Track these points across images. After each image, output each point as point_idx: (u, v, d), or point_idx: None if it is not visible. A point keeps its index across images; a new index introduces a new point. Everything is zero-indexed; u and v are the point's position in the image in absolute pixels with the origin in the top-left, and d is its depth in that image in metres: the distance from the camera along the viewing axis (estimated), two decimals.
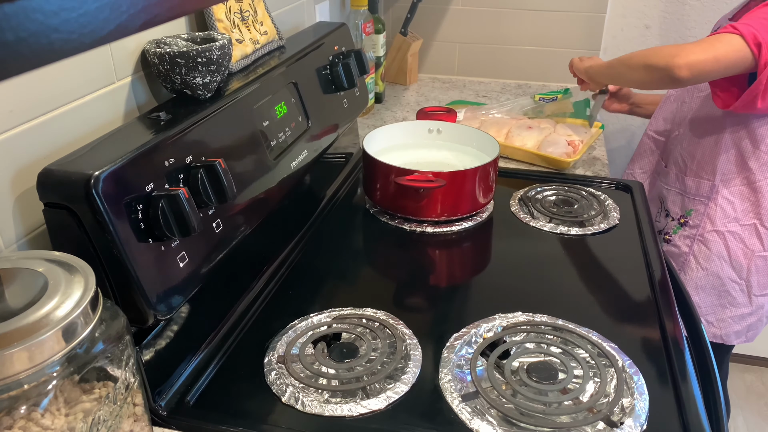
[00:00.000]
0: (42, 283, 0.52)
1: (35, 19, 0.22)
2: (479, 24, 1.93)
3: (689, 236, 1.33)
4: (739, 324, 1.35)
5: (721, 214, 1.29)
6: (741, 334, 1.37)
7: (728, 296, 1.33)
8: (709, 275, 1.32)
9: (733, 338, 1.37)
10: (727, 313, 1.35)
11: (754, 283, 1.31)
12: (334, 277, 0.98)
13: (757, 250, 1.29)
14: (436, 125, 1.27)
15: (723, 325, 1.36)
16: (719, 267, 1.31)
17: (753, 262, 1.29)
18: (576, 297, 0.93)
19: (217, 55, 0.81)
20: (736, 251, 1.29)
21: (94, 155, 0.66)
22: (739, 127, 1.24)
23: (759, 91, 1.13)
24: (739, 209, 1.28)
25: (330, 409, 0.70)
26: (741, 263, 1.30)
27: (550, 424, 0.68)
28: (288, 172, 0.96)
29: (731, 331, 1.36)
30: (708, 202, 1.30)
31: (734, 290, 1.32)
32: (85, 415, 0.51)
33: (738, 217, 1.28)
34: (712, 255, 1.31)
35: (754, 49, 1.09)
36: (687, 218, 1.34)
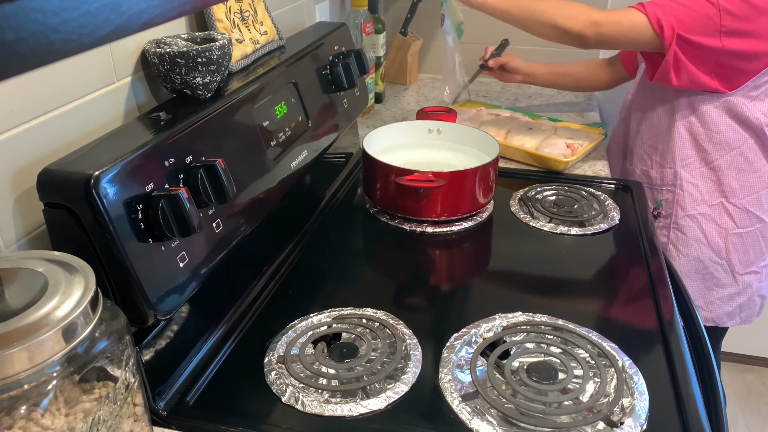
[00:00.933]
0: (42, 283, 0.52)
1: (35, 19, 0.22)
2: (479, 24, 1.93)
3: (665, 226, 1.36)
4: (728, 305, 1.37)
5: (689, 199, 1.31)
6: (734, 316, 1.38)
7: (713, 278, 1.35)
8: (691, 260, 1.34)
9: (726, 320, 1.38)
10: (714, 295, 1.36)
11: (735, 261, 1.33)
12: (334, 277, 0.98)
13: (730, 228, 1.31)
14: (436, 125, 1.27)
15: (712, 308, 1.37)
16: (698, 250, 1.33)
17: (729, 241, 1.31)
18: (576, 297, 0.93)
19: (217, 55, 0.81)
20: (710, 232, 1.31)
21: (94, 155, 0.66)
22: (687, 112, 1.27)
23: (669, 69, 1.18)
24: (704, 191, 1.30)
25: (330, 409, 0.70)
26: (718, 243, 1.32)
27: (550, 424, 0.68)
28: (288, 172, 0.96)
29: (722, 313, 1.38)
30: (674, 189, 1.32)
31: (717, 271, 1.34)
32: (85, 415, 0.51)
33: (705, 198, 1.30)
34: (689, 240, 1.33)
35: (656, 29, 1.14)
36: (659, 209, 1.36)
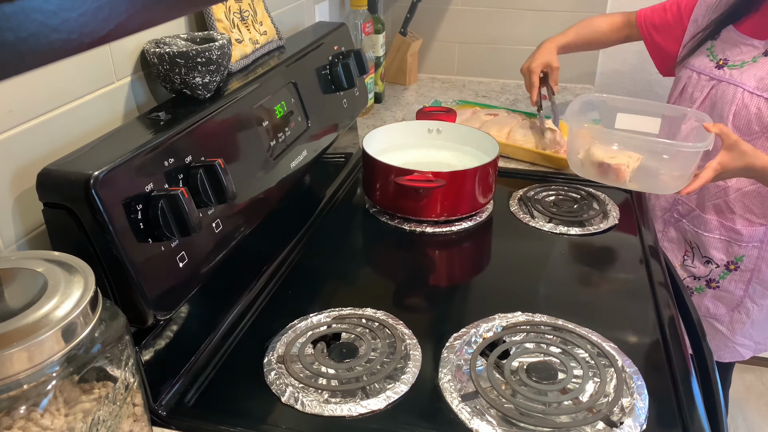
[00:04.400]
0: (41, 283, 0.52)
1: (35, 19, 0.22)
2: (479, 24, 1.93)
3: (743, 280, 1.30)
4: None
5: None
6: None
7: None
8: (764, 309, 1.32)
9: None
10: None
11: None
12: (333, 277, 0.98)
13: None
14: (435, 125, 1.27)
15: (767, 341, 1.38)
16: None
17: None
18: (576, 297, 0.93)
19: (217, 55, 0.81)
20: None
21: (94, 155, 0.66)
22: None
23: None
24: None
25: (330, 409, 0.70)
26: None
27: (550, 424, 0.68)
28: (288, 172, 0.96)
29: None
30: (762, 245, 1.26)
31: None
32: (85, 415, 0.51)
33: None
34: (767, 291, 1.30)
35: None
36: (738, 264, 1.29)
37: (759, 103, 1.15)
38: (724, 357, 1.40)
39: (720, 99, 1.21)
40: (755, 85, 1.15)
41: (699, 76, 1.26)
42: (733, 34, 1.23)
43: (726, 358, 1.40)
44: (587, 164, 1.13)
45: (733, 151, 1.03)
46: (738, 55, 1.21)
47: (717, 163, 1.04)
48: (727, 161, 1.04)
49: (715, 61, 1.23)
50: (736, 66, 1.20)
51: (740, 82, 1.17)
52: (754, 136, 1.17)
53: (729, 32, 1.24)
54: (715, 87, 1.22)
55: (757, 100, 1.15)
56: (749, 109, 1.16)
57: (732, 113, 1.18)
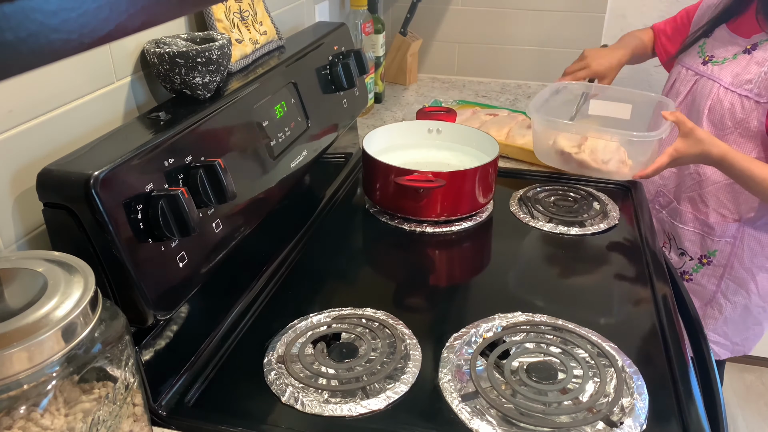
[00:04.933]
0: (41, 283, 0.52)
1: (35, 19, 0.22)
2: (479, 24, 1.93)
3: (715, 275, 1.30)
4: (759, 336, 1.38)
5: (749, 253, 1.26)
6: (758, 340, 1.40)
7: (752, 318, 1.34)
8: (737, 307, 1.32)
9: (751, 348, 1.40)
10: (751, 332, 1.37)
11: None
12: (333, 277, 0.98)
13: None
14: (435, 125, 1.27)
15: (747, 342, 1.38)
16: (747, 299, 1.31)
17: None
18: (576, 297, 0.93)
19: (217, 55, 0.81)
20: (763, 283, 1.29)
21: (94, 155, 0.66)
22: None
23: None
24: (766, 244, 1.26)
25: (330, 409, 0.70)
26: (767, 291, 1.30)
27: (550, 424, 0.68)
28: (288, 172, 0.96)
29: (753, 345, 1.39)
30: (734, 241, 1.26)
31: (759, 314, 1.33)
32: (85, 415, 0.51)
33: (765, 251, 1.26)
34: (740, 289, 1.30)
35: None
36: (711, 258, 1.29)
37: (732, 99, 1.17)
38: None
39: (699, 94, 1.23)
40: (731, 81, 1.17)
41: (687, 71, 1.29)
42: (724, 33, 1.25)
43: None
44: (552, 153, 1.20)
45: (688, 138, 1.07)
46: (723, 52, 1.23)
47: (673, 149, 1.08)
48: (683, 148, 1.07)
49: (702, 58, 1.26)
50: (718, 62, 1.22)
51: (718, 77, 1.20)
52: (726, 131, 1.19)
53: (721, 31, 1.26)
54: (697, 82, 1.25)
55: (731, 95, 1.17)
56: (723, 104, 1.18)
57: (707, 107, 1.20)
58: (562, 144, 1.17)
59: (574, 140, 1.17)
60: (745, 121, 1.16)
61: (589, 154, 1.15)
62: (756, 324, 1.35)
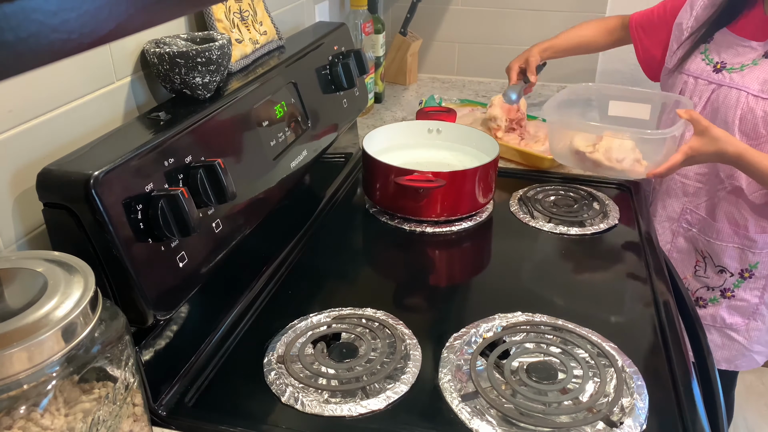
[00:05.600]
0: (41, 283, 0.52)
1: (35, 20, 0.22)
2: (479, 24, 1.93)
3: (758, 287, 1.28)
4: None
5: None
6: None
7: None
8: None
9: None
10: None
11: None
12: (333, 277, 0.98)
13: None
14: (435, 125, 1.27)
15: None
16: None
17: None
18: (576, 297, 0.93)
19: (217, 55, 0.81)
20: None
21: (94, 155, 0.66)
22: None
23: None
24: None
25: (330, 409, 0.70)
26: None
27: (550, 424, 0.68)
28: (288, 172, 0.96)
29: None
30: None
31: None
32: (85, 415, 0.51)
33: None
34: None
35: None
36: (753, 271, 1.27)
37: (765, 106, 1.13)
38: (741, 366, 1.37)
39: (723, 104, 1.19)
40: (759, 88, 1.14)
41: (696, 80, 1.23)
42: (728, 37, 1.21)
43: (743, 367, 1.37)
44: (567, 153, 1.19)
45: (704, 136, 1.05)
46: (735, 57, 1.19)
47: (688, 147, 1.06)
48: (698, 146, 1.06)
49: (712, 65, 1.21)
50: (735, 69, 1.18)
51: (743, 85, 1.16)
52: (761, 139, 1.16)
53: (723, 35, 1.21)
54: (716, 92, 1.20)
55: (763, 103, 1.13)
56: (755, 113, 1.14)
57: (738, 117, 1.16)
58: (578, 144, 1.16)
59: (589, 140, 1.16)
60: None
61: (604, 153, 1.14)
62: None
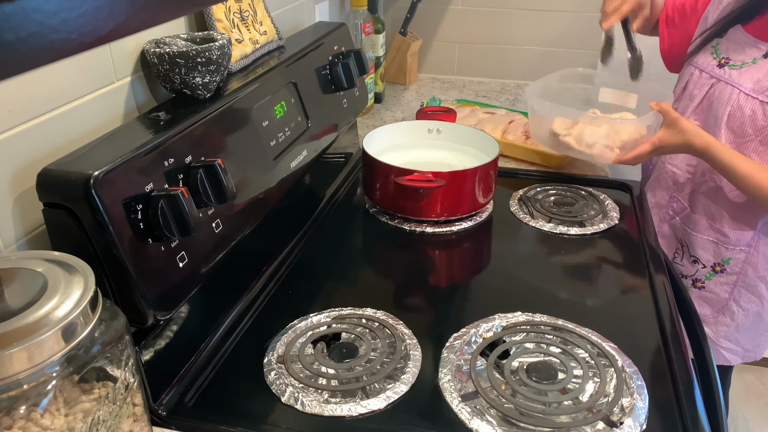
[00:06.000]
0: (41, 283, 0.52)
1: (35, 19, 0.22)
2: (479, 24, 1.93)
3: (728, 283, 1.29)
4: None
5: (764, 260, 1.25)
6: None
7: (764, 324, 1.32)
8: (750, 314, 1.31)
9: (762, 354, 1.39)
10: (762, 338, 1.35)
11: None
12: (333, 277, 0.98)
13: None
14: (435, 125, 1.27)
15: (758, 348, 1.37)
16: (759, 305, 1.29)
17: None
18: (576, 297, 0.93)
19: (217, 55, 0.81)
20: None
21: (94, 155, 0.66)
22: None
23: None
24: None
25: (330, 409, 0.70)
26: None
27: (550, 424, 0.68)
28: (287, 172, 0.96)
29: (764, 350, 1.38)
30: (749, 249, 1.25)
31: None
32: (85, 415, 0.51)
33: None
34: (753, 297, 1.29)
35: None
36: (724, 266, 1.28)
37: (753, 106, 1.14)
38: None
39: (716, 99, 1.20)
40: (751, 87, 1.14)
41: (701, 73, 1.25)
42: (739, 34, 1.21)
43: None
44: (545, 135, 1.25)
45: (672, 128, 1.09)
46: (740, 55, 1.19)
47: (656, 138, 1.10)
48: (666, 137, 1.10)
49: (718, 60, 1.22)
50: (735, 66, 1.19)
51: (737, 83, 1.17)
52: (747, 138, 1.16)
53: (736, 31, 1.21)
54: (714, 86, 1.22)
55: (752, 102, 1.14)
56: (744, 111, 1.15)
57: (727, 114, 1.17)
58: (555, 126, 1.21)
59: (567, 124, 1.20)
60: (766, 128, 1.13)
61: (576, 137, 1.18)
62: (767, 330, 1.33)
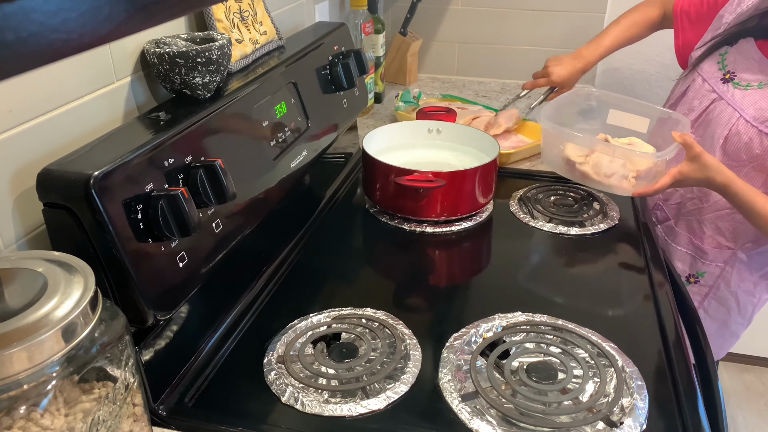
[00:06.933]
0: (41, 283, 0.52)
1: (35, 19, 0.22)
2: (479, 24, 1.93)
3: (700, 293, 1.30)
4: (733, 344, 1.39)
5: (737, 277, 1.26)
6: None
7: (729, 331, 1.34)
8: (716, 322, 1.32)
9: (724, 354, 1.41)
10: (727, 342, 1.37)
11: (755, 317, 1.33)
12: (333, 277, 0.98)
13: (765, 299, 1.29)
14: (435, 125, 1.27)
15: (721, 350, 1.39)
16: (727, 315, 1.31)
17: (758, 307, 1.30)
18: (576, 297, 0.93)
19: (217, 55, 0.81)
20: (745, 304, 1.28)
21: (94, 155, 0.66)
22: None
23: None
24: (754, 270, 1.25)
25: (330, 409, 0.70)
26: (748, 310, 1.30)
27: (550, 424, 0.68)
28: (287, 172, 0.96)
29: (726, 351, 1.40)
30: (725, 266, 1.25)
31: (737, 328, 1.34)
32: (85, 415, 0.51)
33: (752, 277, 1.26)
34: (721, 308, 1.30)
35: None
36: (699, 278, 1.29)
37: (752, 134, 1.12)
38: None
39: (716, 119, 1.18)
40: (753, 115, 1.12)
41: (703, 83, 1.22)
42: (750, 48, 1.16)
43: None
44: (558, 161, 1.20)
45: (695, 162, 1.05)
46: (746, 72, 1.16)
47: (677, 171, 1.07)
48: (687, 171, 1.06)
49: (723, 72, 1.19)
50: (740, 86, 1.16)
51: (740, 106, 1.14)
52: (740, 163, 1.15)
53: (748, 44, 1.17)
54: (715, 103, 1.19)
55: (751, 130, 1.12)
56: (741, 137, 1.14)
57: (723, 137, 1.16)
58: (569, 153, 1.16)
59: (582, 150, 1.16)
60: (761, 157, 1.12)
61: (593, 166, 1.14)
62: (733, 336, 1.36)
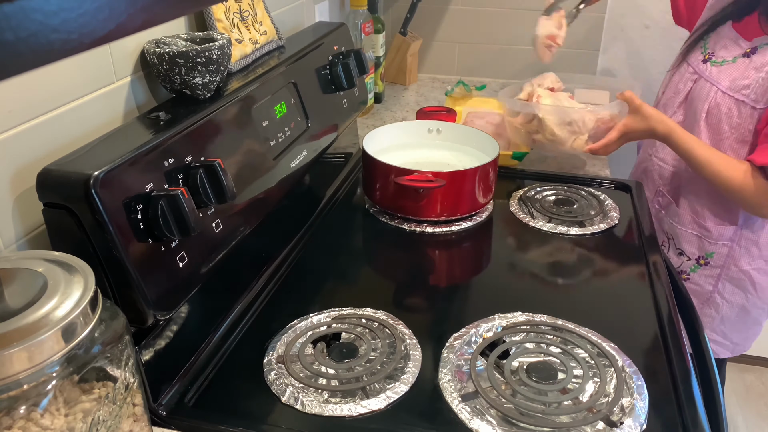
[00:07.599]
0: (41, 283, 0.52)
1: (35, 19, 0.22)
2: (479, 24, 1.93)
3: (712, 275, 1.30)
4: (758, 335, 1.38)
5: (746, 255, 1.26)
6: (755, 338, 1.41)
7: (751, 318, 1.34)
8: (735, 307, 1.32)
9: (750, 347, 1.40)
10: (750, 331, 1.37)
11: None
12: (333, 277, 0.98)
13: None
14: (435, 125, 1.27)
15: (746, 342, 1.38)
16: (745, 299, 1.30)
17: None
18: (576, 297, 0.93)
19: (217, 55, 0.81)
20: (762, 284, 1.28)
21: (94, 155, 0.66)
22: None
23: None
24: (763, 247, 1.25)
25: (330, 409, 0.70)
26: (766, 291, 1.29)
27: (550, 424, 0.68)
28: (287, 172, 0.96)
29: (751, 343, 1.39)
30: (732, 244, 1.26)
31: (758, 314, 1.33)
32: (85, 415, 0.51)
33: (762, 254, 1.26)
34: (738, 290, 1.30)
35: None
36: (708, 260, 1.29)
37: (729, 104, 1.17)
38: None
39: (697, 95, 1.23)
40: (728, 86, 1.17)
41: (687, 67, 1.28)
42: (727, 30, 1.23)
43: None
44: (518, 129, 1.32)
45: (637, 114, 1.17)
46: (722, 50, 1.22)
47: (622, 124, 1.19)
48: (631, 123, 1.18)
49: (704, 55, 1.25)
50: (717, 63, 1.21)
51: (716, 80, 1.19)
52: (723, 135, 1.19)
53: (726, 27, 1.24)
54: (696, 82, 1.25)
55: (728, 100, 1.17)
56: (720, 109, 1.18)
57: (705, 111, 1.20)
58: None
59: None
60: (741, 126, 1.16)
61: (545, 134, 1.26)
62: (755, 324, 1.35)
